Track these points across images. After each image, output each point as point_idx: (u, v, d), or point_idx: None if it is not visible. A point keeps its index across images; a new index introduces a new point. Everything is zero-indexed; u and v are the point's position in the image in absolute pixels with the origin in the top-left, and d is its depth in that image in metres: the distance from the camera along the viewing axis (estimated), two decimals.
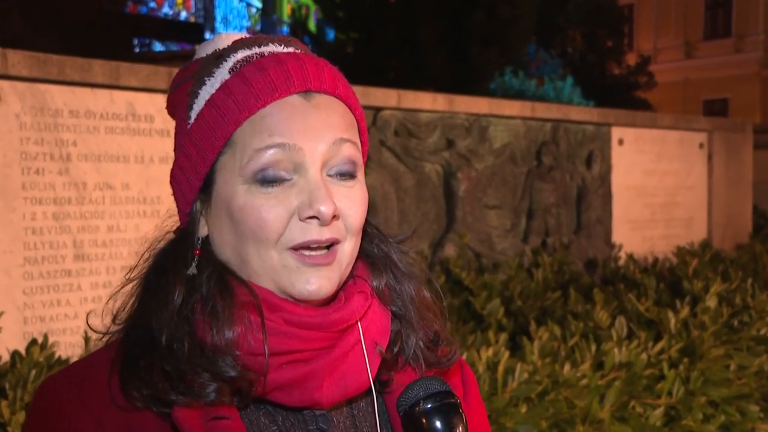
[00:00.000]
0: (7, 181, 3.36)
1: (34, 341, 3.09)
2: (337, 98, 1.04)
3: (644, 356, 3.50)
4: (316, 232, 0.98)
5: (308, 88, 1.01)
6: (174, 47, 15.17)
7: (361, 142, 1.09)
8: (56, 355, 3.06)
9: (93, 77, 3.63)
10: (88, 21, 11.81)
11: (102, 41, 11.39)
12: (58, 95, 3.52)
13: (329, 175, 1.01)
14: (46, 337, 3.11)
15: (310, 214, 0.98)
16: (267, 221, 0.98)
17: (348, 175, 1.03)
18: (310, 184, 0.99)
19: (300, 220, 0.98)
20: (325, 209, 0.97)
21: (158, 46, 15.86)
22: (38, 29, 10.38)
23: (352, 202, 1.02)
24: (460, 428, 0.93)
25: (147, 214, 3.76)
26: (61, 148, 3.52)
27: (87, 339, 3.19)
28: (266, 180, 0.98)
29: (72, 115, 3.56)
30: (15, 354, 2.96)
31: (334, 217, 0.99)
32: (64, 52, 3.66)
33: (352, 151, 1.03)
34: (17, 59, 3.40)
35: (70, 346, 3.47)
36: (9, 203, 3.37)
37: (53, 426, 0.99)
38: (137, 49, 15.24)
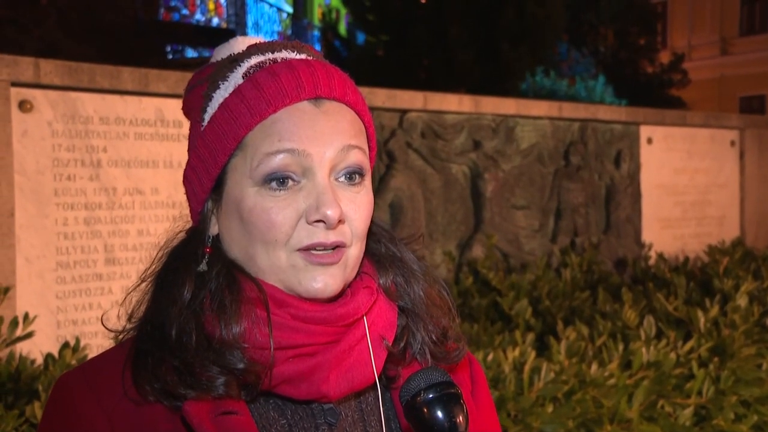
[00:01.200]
0: (40, 188, 3.44)
1: (66, 344, 3.15)
2: (347, 105, 1.07)
3: (673, 355, 3.47)
4: (322, 235, 1.01)
5: (318, 95, 1.04)
6: (206, 53, 15.33)
7: (369, 147, 1.11)
8: (88, 358, 3.12)
9: (122, 84, 3.70)
10: (122, 29, 11.99)
11: (136, 48, 11.56)
12: (89, 102, 3.60)
13: (336, 180, 1.04)
14: (78, 340, 3.17)
15: (317, 217, 1.01)
16: (276, 223, 1.01)
17: (355, 180, 1.05)
18: (317, 188, 1.02)
19: (307, 223, 1.01)
20: (331, 213, 1.00)
21: (191, 53, 16.04)
22: (74, 37, 10.57)
23: (357, 207, 1.05)
24: (461, 418, 0.95)
25: (176, 218, 3.81)
26: (92, 154, 3.59)
27: (118, 341, 3.25)
28: (276, 180, 1.01)
29: (102, 121, 3.63)
30: (48, 357, 3.02)
31: (340, 221, 1.02)
32: (98, 59, 3.75)
33: (359, 157, 1.06)
34: (49, 68, 3.48)
35: (101, 349, 3.51)
36: (42, 209, 3.44)
37: (68, 419, 1.03)
38: (170, 56, 15.43)
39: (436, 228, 5.11)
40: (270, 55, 1.07)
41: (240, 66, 1.07)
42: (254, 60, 1.07)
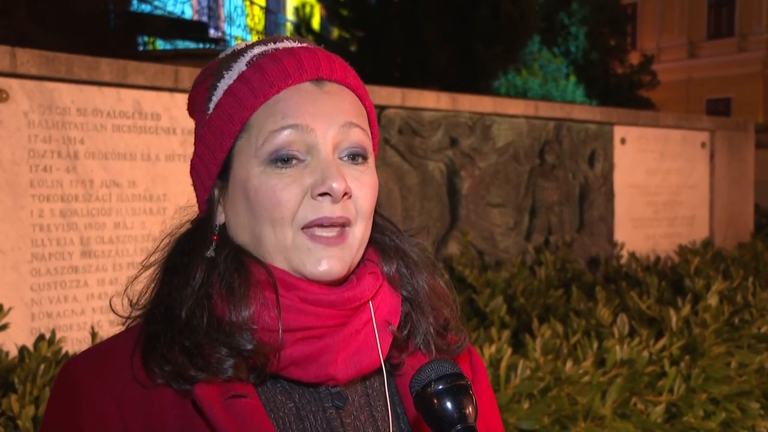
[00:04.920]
0: (16, 179, 3.40)
1: (41, 337, 3.12)
2: (348, 88, 1.10)
3: (646, 353, 3.52)
4: (328, 210, 1.03)
5: (320, 76, 1.07)
6: (180, 45, 15.18)
7: (372, 133, 1.13)
8: (63, 351, 3.10)
9: (100, 75, 3.66)
10: (93, 19, 11.83)
11: (107, 39, 11.42)
12: (66, 93, 3.55)
13: (340, 158, 1.06)
14: (53, 332, 3.14)
15: (323, 190, 1.02)
16: (282, 200, 1.02)
17: (358, 159, 1.07)
18: (322, 163, 1.03)
19: (312, 198, 1.03)
20: (336, 185, 1.01)
21: (163, 44, 15.88)
22: (44, 27, 10.40)
23: (362, 185, 1.07)
24: (470, 409, 0.96)
25: (153, 211, 3.79)
26: (69, 145, 3.55)
27: (94, 334, 3.23)
28: (281, 160, 1.03)
29: (79, 113, 3.59)
30: (23, 349, 2.99)
31: (346, 195, 1.04)
32: (69, 50, 3.69)
33: (361, 136, 1.08)
34: (26, 58, 3.43)
35: (77, 342, 3.51)
36: (17, 201, 3.40)
37: (75, 405, 1.02)
38: (141, 47, 15.26)
39: (412, 224, 5.13)
40: (272, 45, 1.10)
41: (243, 56, 1.09)
42: (257, 50, 1.10)
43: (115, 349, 1.06)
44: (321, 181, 1.02)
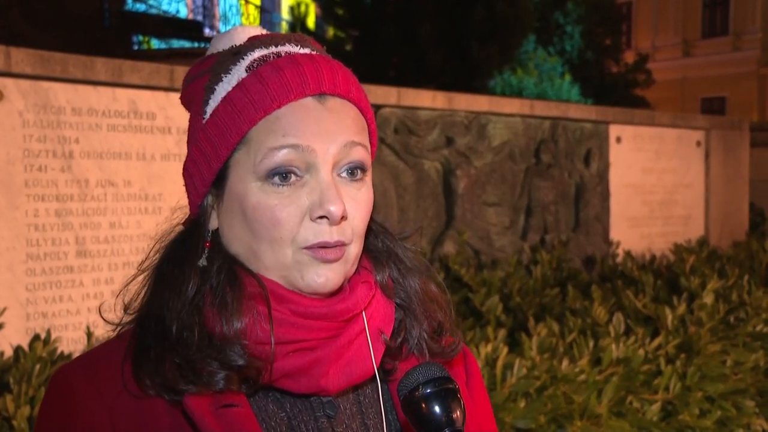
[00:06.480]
0: (11, 179, 3.39)
1: (36, 337, 3.11)
2: (350, 101, 1.07)
3: (641, 352, 3.53)
4: (327, 234, 1.01)
5: (323, 91, 1.03)
6: (175, 44, 15.16)
7: (371, 143, 1.11)
8: (59, 351, 3.09)
9: (96, 75, 3.65)
10: (88, 18, 11.81)
11: (102, 38, 11.40)
12: (61, 93, 3.54)
13: (339, 175, 1.04)
14: (48, 332, 3.13)
15: (321, 213, 1.00)
16: (281, 221, 1.01)
17: (356, 176, 1.05)
18: (321, 184, 1.01)
19: (311, 219, 1.01)
20: (334, 209, 1.00)
21: (157, 43, 15.86)
22: (38, 26, 10.39)
23: (358, 204, 1.05)
24: (458, 412, 0.95)
25: (149, 210, 3.78)
26: (64, 145, 3.54)
27: (89, 334, 3.22)
28: (279, 175, 1.01)
29: (75, 112, 3.58)
30: (18, 349, 2.99)
31: (343, 218, 1.02)
32: (64, 49, 3.68)
33: (362, 154, 1.06)
34: (21, 57, 3.42)
35: (72, 342, 3.50)
36: (12, 200, 3.39)
37: (67, 414, 1.01)
38: (136, 47, 15.23)
39: (407, 224, 5.13)
40: (273, 49, 1.06)
41: (243, 59, 1.06)
42: (257, 53, 1.06)
43: (108, 357, 1.04)
44: (319, 204, 1.01)
